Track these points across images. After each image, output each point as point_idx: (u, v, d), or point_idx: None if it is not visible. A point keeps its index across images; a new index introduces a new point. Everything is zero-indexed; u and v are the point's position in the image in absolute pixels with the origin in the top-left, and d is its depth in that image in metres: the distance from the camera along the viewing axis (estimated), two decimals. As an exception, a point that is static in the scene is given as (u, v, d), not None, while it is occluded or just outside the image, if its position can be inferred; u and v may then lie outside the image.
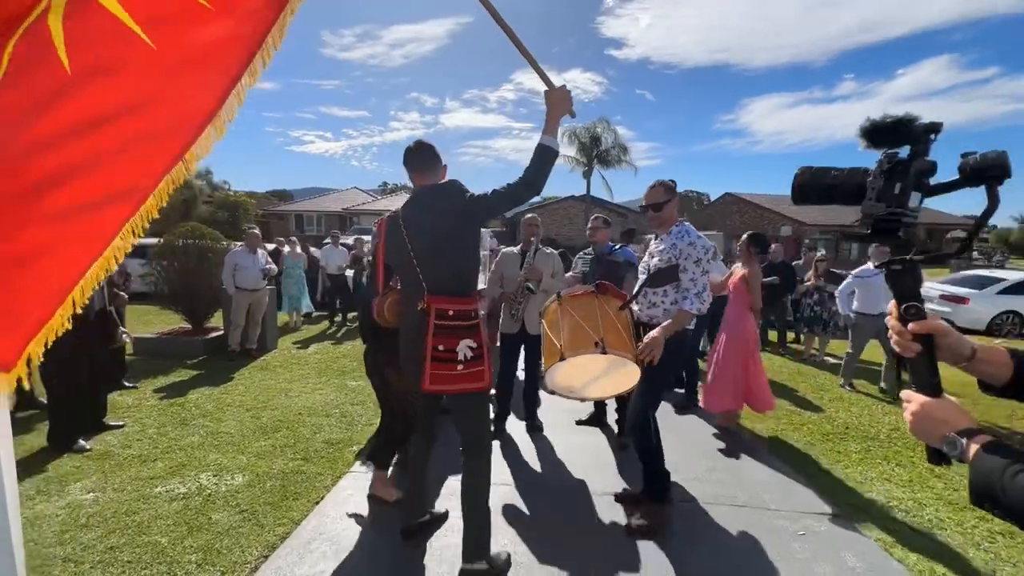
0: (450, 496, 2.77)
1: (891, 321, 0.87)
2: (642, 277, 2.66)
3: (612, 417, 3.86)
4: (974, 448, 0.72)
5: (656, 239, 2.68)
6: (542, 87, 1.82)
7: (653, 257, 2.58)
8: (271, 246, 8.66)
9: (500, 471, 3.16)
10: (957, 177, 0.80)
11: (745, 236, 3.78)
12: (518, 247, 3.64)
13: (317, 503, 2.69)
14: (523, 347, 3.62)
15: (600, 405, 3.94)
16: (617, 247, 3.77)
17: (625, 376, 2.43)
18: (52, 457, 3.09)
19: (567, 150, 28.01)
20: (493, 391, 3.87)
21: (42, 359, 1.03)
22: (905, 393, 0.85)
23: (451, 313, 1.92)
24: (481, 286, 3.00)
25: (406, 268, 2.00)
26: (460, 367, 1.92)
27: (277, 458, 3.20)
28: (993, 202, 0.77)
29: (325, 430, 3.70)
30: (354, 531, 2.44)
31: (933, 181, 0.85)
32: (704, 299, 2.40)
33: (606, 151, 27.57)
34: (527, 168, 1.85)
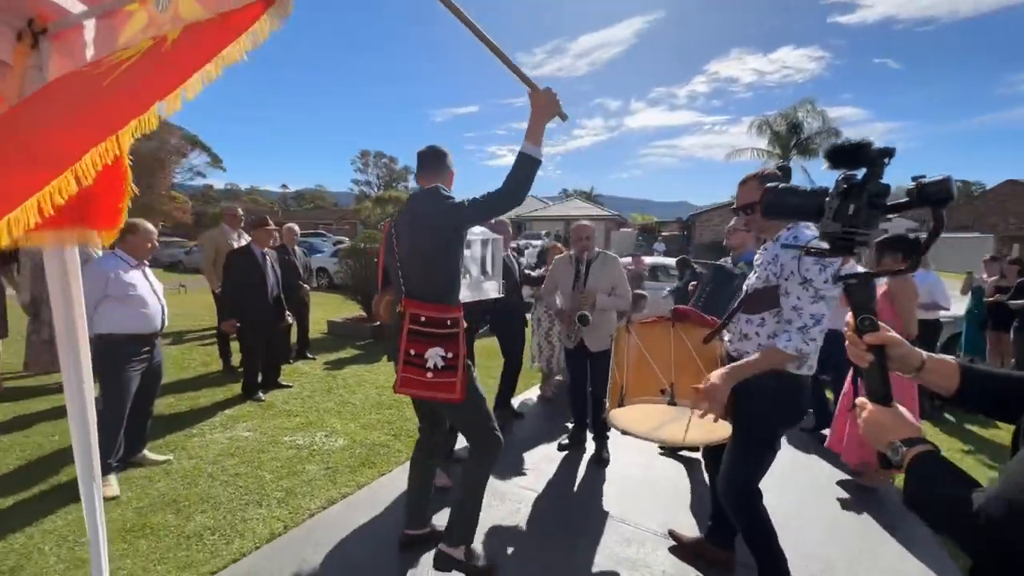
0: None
1: (847, 332, 0.94)
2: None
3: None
4: (910, 456, 0.79)
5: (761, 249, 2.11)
6: (740, 74, 1.75)
7: (754, 273, 2.02)
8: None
9: (538, 477, 3.09)
10: (907, 199, 0.86)
11: (886, 238, 2.83)
12: (572, 252, 3.43)
13: (383, 475, 3.07)
14: (588, 364, 3.35)
15: None
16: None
17: (716, 425, 1.99)
18: (239, 403, 4.24)
19: (757, 142, 24.59)
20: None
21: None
22: (859, 400, 0.92)
23: (423, 319, 1.94)
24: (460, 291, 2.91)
25: (393, 270, 2.09)
26: (429, 374, 1.92)
27: (375, 430, 3.74)
28: (938, 223, 0.86)
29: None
30: (393, 512, 2.72)
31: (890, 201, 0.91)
32: (811, 336, 1.73)
33: (808, 139, 23.23)
34: (507, 177, 1.80)
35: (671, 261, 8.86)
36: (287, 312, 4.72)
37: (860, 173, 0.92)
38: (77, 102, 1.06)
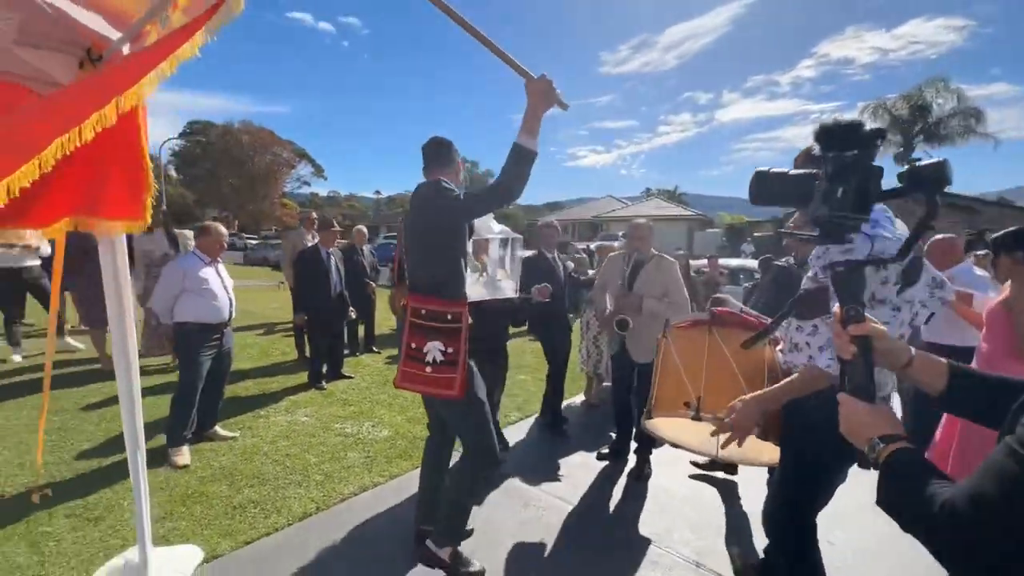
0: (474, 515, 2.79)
1: (834, 324, 0.92)
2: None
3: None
4: (885, 453, 0.76)
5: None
6: (857, 54, 1.66)
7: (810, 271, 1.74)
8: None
9: (570, 486, 2.96)
10: (899, 185, 0.84)
11: (1002, 235, 2.29)
12: (624, 251, 3.25)
13: (416, 468, 3.15)
14: (634, 374, 3.15)
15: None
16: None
17: (760, 446, 1.78)
18: (304, 390, 4.61)
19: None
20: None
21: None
22: (841, 396, 0.88)
23: (423, 312, 1.93)
24: (474, 288, 2.65)
25: (404, 263, 2.14)
26: (428, 369, 1.91)
27: (420, 424, 3.86)
28: (931, 208, 0.82)
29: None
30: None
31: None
32: None
33: (938, 122, 20.01)
34: (501, 171, 1.75)
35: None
36: (351, 307, 5.05)
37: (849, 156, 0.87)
38: (53, 98, 1.21)
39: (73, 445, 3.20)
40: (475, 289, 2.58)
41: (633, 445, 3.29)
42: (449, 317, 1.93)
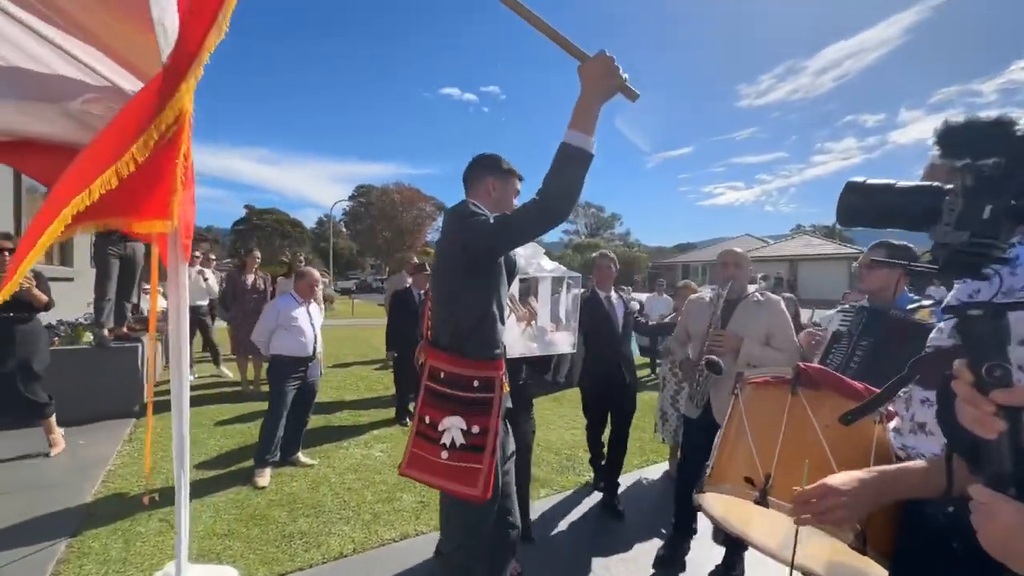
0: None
1: (961, 387, 0.72)
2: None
3: None
4: None
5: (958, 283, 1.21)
6: None
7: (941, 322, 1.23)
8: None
9: None
10: None
11: None
12: (709, 292, 2.74)
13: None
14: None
15: None
16: (920, 300, 2.17)
17: (853, 560, 1.27)
18: (388, 426, 4.82)
19: None
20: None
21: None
22: (977, 490, 0.67)
23: (442, 375, 1.51)
24: (519, 343, 2.17)
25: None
26: (444, 454, 1.44)
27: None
28: None
29: (540, 465, 3.93)
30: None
31: None
32: None
33: None
34: (544, 180, 1.35)
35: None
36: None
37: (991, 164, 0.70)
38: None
39: (191, 457, 3.76)
40: (520, 344, 2.25)
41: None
42: (476, 384, 1.48)
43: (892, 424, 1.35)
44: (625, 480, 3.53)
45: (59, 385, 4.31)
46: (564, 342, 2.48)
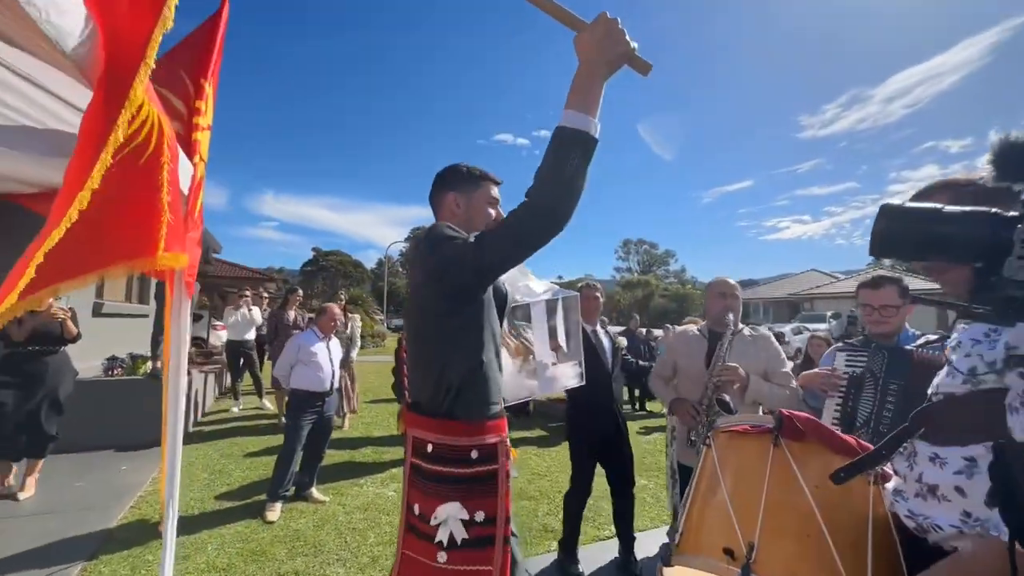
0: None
1: None
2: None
3: None
4: None
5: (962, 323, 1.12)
6: None
7: (948, 364, 1.08)
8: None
9: None
10: None
11: None
12: (699, 324, 2.53)
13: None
14: None
15: None
16: (926, 336, 1.94)
17: None
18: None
19: None
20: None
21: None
22: None
23: (430, 449, 1.17)
24: (516, 384, 1.80)
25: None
26: (442, 556, 1.11)
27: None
28: None
29: (552, 515, 3.70)
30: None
31: None
32: None
33: None
34: (538, 170, 1.07)
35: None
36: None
37: None
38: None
39: (215, 487, 3.90)
40: (517, 386, 1.95)
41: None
42: (475, 455, 1.16)
43: (890, 485, 1.14)
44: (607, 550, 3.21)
45: (112, 413, 4.69)
46: (570, 375, 2.20)
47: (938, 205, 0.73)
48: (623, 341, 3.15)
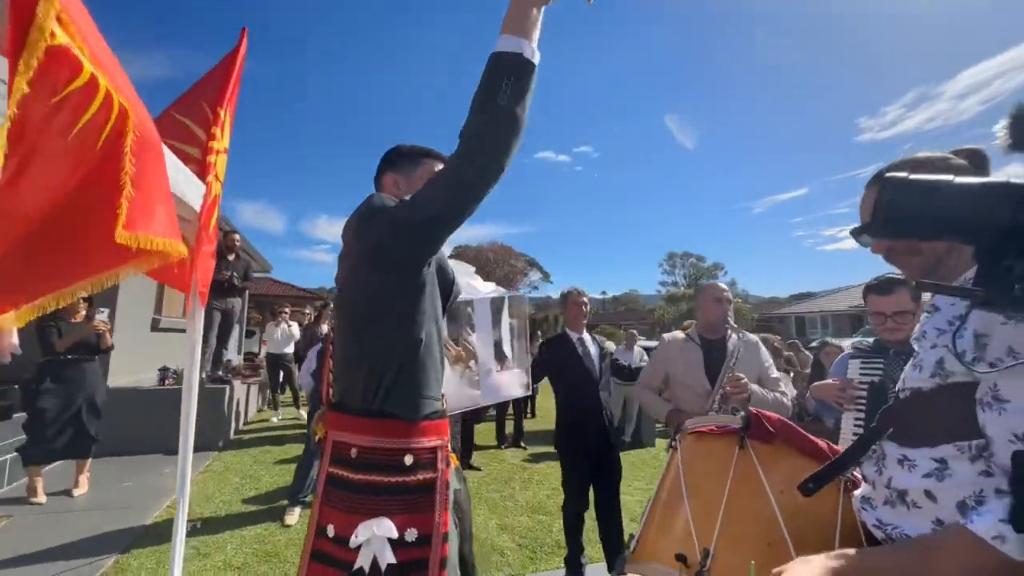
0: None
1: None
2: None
3: None
4: None
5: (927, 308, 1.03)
6: None
7: (914, 358, 0.99)
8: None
9: None
10: None
11: None
12: (686, 330, 2.41)
13: (465, 582, 2.80)
14: None
15: None
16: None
17: None
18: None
19: None
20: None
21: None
22: None
23: (354, 455, 1.00)
24: (457, 392, 1.63)
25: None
26: None
27: (508, 533, 3.49)
28: None
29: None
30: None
31: None
32: None
33: None
34: (470, 109, 0.96)
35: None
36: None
37: None
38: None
39: (243, 491, 4.10)
40: (459, 395, 1.76)
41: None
42: (409, 461, 1.01)
43: (859, 492, 1.05)
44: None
45: (163, 419, 5.06)
46: (515, 384, 2.03)
47: (949, 177, 0.65)
48: (611, 346, 3.03)
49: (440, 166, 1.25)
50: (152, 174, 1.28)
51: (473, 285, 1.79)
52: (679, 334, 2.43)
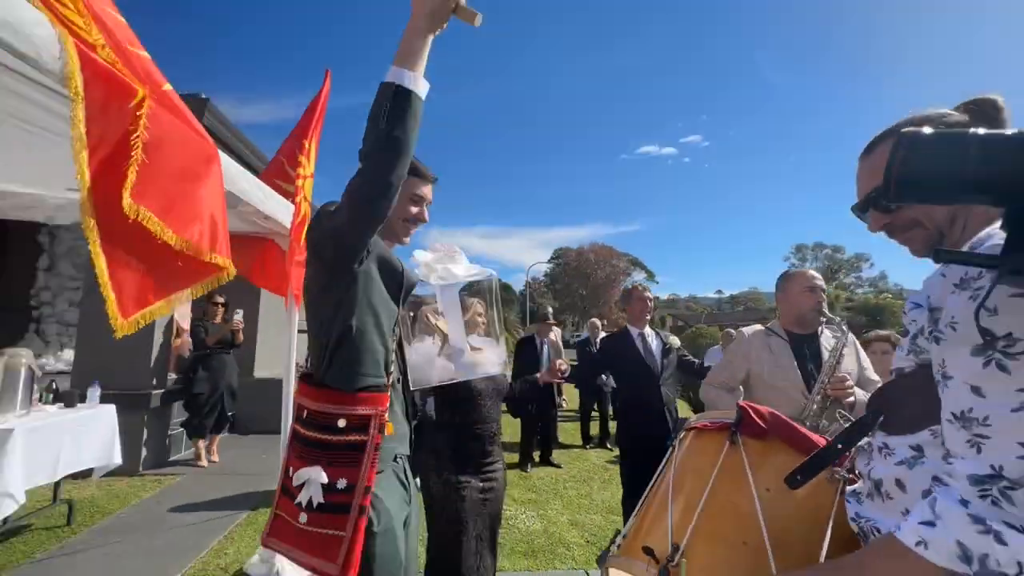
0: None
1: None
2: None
3: None
4: None
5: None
6: None
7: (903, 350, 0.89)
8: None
9: None
10: None
11: None
12: (766, 324, 2.17)
13: (530, 570, 2.92)
14: None
15: None
16: None
17: None
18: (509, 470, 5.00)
19: None
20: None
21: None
22: None
23: (305, 414, 1.22)
24: (433, 367, 1.65)
25: None
26: (303, 517, 1.14)
27: (577, 529, 3.54)
28: None
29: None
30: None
31: None
32: (1010, 496, 0.57)
33: None
34: (364, 133, 1.10)
35: None
36: (562, 397, 5.31)
37: None
38: None
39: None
40: (442, 367, 1.80)
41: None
42: (341, 424, 1.18)
43: (851, 488, 0.97)
44: None
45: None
46: (493, 361, 1.93)
47: (972, 129, 0.57)
48: (676, 341, 2.89)
49: (424, 187, 1.44)
50: (164, 146, 1.35)
51: (451, 270, 1.84)
52: (759, 328, 2.22)
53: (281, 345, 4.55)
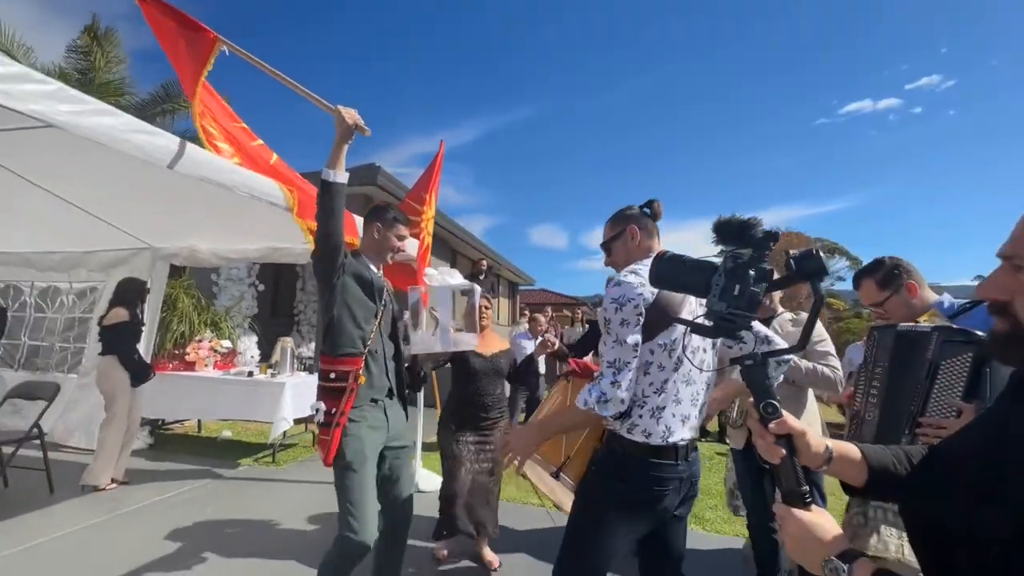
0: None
1: (752, 423, 0.81)
2: None
3: None
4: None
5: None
6: None
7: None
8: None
9: None
10: (786, 274, 0.88)
11: None
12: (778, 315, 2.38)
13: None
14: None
15: None
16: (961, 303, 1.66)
17: (552, 485, 1.80)
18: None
19: None
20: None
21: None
22: (777, 507, 0.75)
23: (320, 372, 1.96)
24: (424, 340, 2.40)
25: None
26: (316, 429, 2.05)
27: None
28: (818, 297, 0.83)
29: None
30: None
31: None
32: (618, 382, 1.33)
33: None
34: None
35: None
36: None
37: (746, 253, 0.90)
38: None
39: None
40: (429, 341, 2.44)
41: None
42: (332, 376, 1.88)
43: None
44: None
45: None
46: (470, 341, 2.55)
47: (686, 257, 0.99)
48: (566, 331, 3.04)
49: (401, 227, 2.11)
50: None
51: (446, 279, 2.75)
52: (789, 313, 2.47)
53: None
